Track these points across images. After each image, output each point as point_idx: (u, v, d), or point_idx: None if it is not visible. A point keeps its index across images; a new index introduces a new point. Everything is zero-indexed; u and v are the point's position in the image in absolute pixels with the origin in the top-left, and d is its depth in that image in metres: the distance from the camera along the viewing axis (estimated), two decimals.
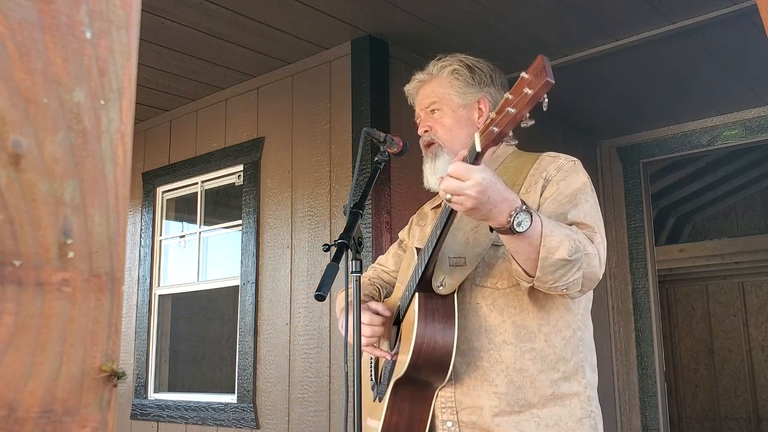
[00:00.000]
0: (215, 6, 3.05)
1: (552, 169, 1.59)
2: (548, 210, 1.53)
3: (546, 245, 1.37)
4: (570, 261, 1.39)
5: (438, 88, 1.73)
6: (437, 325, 1.51)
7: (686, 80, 3.99)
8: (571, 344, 1.57)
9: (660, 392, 4.58)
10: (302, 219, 3.49)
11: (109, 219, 0.58)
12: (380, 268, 1.98)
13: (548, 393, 1.53)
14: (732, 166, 6.66)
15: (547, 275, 1.40)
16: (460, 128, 1.70)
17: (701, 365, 7.89)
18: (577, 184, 1.57)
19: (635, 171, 4.84)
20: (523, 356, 1.53)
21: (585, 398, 1.56)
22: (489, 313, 1.56)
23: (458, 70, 1.71)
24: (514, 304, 1.56)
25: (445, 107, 1.71)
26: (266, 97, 3.78)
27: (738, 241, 7.07)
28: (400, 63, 3.40)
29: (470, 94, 1.70)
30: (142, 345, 4.16)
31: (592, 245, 1.46)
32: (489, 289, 1.58)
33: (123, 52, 0.59)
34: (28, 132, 0.52)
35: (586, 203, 1.55)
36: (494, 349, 1.54)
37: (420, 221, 1.91)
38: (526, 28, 3.27)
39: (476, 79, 1.71)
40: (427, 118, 1.74)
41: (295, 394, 3.37)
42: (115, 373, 0.56)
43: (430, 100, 1.73)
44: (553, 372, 1.54)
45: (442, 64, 1.74)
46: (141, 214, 4.36)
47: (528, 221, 1.34)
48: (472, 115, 1.70)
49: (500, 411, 1.52)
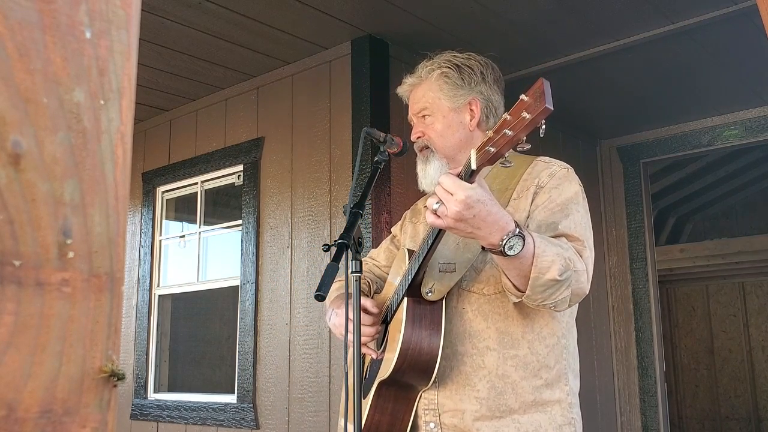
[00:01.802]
0: (215, 6, 3.05)
1: (545, 175, 1.59)
2: (539, 218, 1.53)
3: (537, 265, 1.37)
4: (560, 281, 1.39)
5: (428, 92, 1.71)
6: (424, 332, 1.52)
7: (686, 80, 3.99)
8: (555, 352, 1.58)
9: (660, 392, 4.58)
10: (302, 219, 3.49)
11: (109, 219, 0.58)
12: (372, 262, 1.97)
13: (530, 399, 1.53)
14: (732, 166, 6.66)
15: (537, 294, 1.41)
16: (451, 132, 1.68)
17: (701, 365, 7.88)
18: (569, 193, 1.57)
19: (635, 171, 4.84)
20: (505, 362, 1.54)
21: (566, 405, 1.57)
22: (474, 318, 1.57)
23: (446, 73, 1.69)
24: (499, 311, 1.56)
25: (435, 112, 1.69)
26: (266, 97, 3.78)
27: (738, 241, 7.07)
28: (400, 63, 3.40)
29: (460, 97, 1.68)
30: (142, 345, 4.15)
31: (581, 261, 1.46)
32: (475, 295, 1.58)
33: (123, 52, 0.59)
34: (27, 132, 0.52)
35: (577, 213, 1.55)
36: (477, 355, 1.55)
37: (413, 218, 1.91)
38: (526, 28, 3.27)
39: (466, 79, 1.69)
40: (419, 124, 1.73)
41: (295, 394, 3.37)
42: (115, 373, 0.56)
43: (421, 105, 1.72)
44: (536, 379, 1.54)
45: (430, 66, 1.72)
46: (141, 214, 4.36)
47: (520, 245, 1.34)
48: (464, 117, 1.69)
49: (481, 416, 1.53)
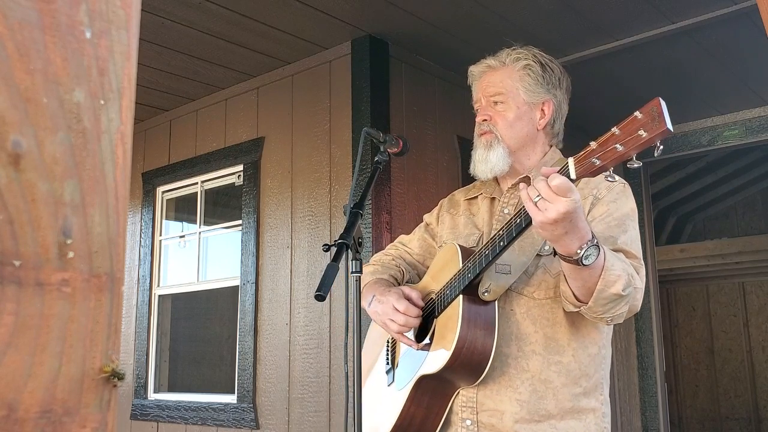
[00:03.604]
0: (215, 6, 3.05)
1: (603, 188, 1.58)
2: (596, 230, 1.50)
3: (605, 278, 1.37)
4: (623, 296, 1.40)
5: (507, 79, 1.68)
6: (479, 331, 1.51)
7: (686, 80, 3.99)
8: (596, 361, 1.58)
9: (660, 392, 4.58)
10: (302, 219, 3.49)
11: (109, 219, 0.58)
12: (403, 248, 1.92)
13: (568, 406, 1.54)
14: (732, 166, 6.66)
15: (599, 306, 1.41)
16: (521, 125, 1.66)
17: (701, 365, 7.88)
18: (626, 208, 1.57)
19: (635, 171, 4.83)
20: (549, 368, 1.54)
21: (600, 414, 1.58)
22: (522, 321, 1.57)
23: (531, 66, 1.68)
24: (548, 316, 1.56)
25: (510, 101, 1.67)
26: (266, 97, 3.78)
27: (738, 241, 7.07)
28: (400, 63, 3.40)
29: (538, 94, 1.67)
30: (142, 345, 4.15)
31: (639, 279, 1.46)
32: (525, 298, 1.57)
33: (123, 52, 0.59)
34: (27, 132, 0.52)
35: (633, 230, 1.55)
36: (522, 358, 1.55)
37: (451, 209, 1.85)
38: (526, 28, 3.27)
39: (547, 79, 1.68)
40: (489, 107, 1.69)
41: (295, 394, 3.37)
42: (115, 373, 0.56)
43: (496, 89, 1.68)
44: (576, 386, 1.55)
45: (517, 56, 1.70)
46: (141, 214, 4.36)
47: (595, 255, 1.34)
48: (534, 114, 1.68)
49: (520, 418, 1.52)
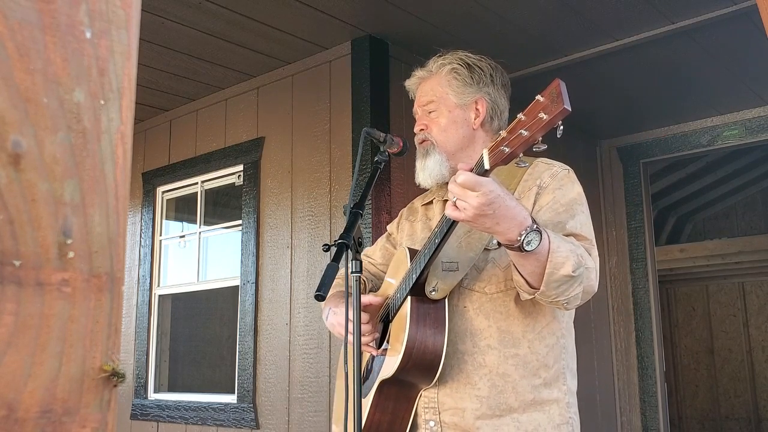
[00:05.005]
0: (215, 6, 3.05)
1: (546, 176, 1.60)
2: (544, 218, 1.53)
3: (552, 261, 1.38)
4: (573, 277, 1.40)
5: (436, 86, 1.72)
6: (428, 330, 1.52)
7: (686, 80, 3.99)
8: (554, 351, 1.59)
9: (660, 392, 4.58)
10: (302, 219, 3.49)
11: (109, 219, 0.58)
12: (367, 259, 1.96)
13: (529, 398, 1.54)
14: (732, 166, 6.66)
15: (551, 290, 1.41)
16: (455, 128, 1.69)
17: (701, 365, 7.88)
18: (572, 194, 1.58)
19: (635, 171, 4.83)
20: (506, 361, 1.55)
21: (564, 405, 1.58)
22: (475, 317, 1.57)
23: (457, 69, 1.71)
24: (501, 309, 1.57)
25: (441, 107, 1.70)
26: (266, 97, 3.78)
27: (738, 241, 7.07)
28: (400, 63, 3.40)
29: (468, 94, 1.70)
30: (142, 345, 4.15)
31: (591, 259, 1.47)
32: (477, 293, 1.59)
33: (123, 52, 0.59)
34: (27, 132, 0.52)
35: (582, 214, 1.56)
36: (478, 353, 1.56)
37: (410, 216, 1.90)
38: (526, 28, 3.27)
39: (475, 78, 1.70)
40: (424, 117, 1.74)
41: (295, 394, 3.37)
42: (115, 373, 0.56)
43: (428, 98, 1.73)
44: (535, 378, 1.55)
45: (442, 62, 1.74)
46: (141, 214, 4.36)
47: (537, 240, 1.35)
48: (469, 115, 1.70)
49: (482, 414, 1.53)
